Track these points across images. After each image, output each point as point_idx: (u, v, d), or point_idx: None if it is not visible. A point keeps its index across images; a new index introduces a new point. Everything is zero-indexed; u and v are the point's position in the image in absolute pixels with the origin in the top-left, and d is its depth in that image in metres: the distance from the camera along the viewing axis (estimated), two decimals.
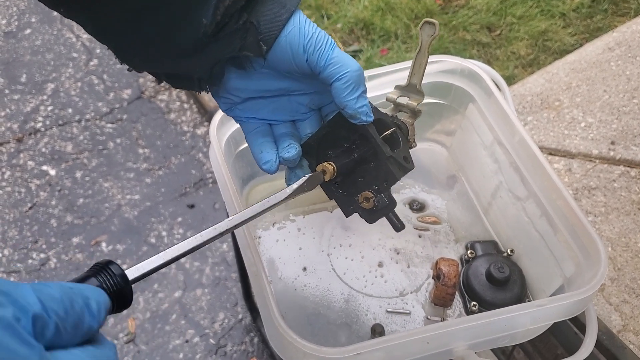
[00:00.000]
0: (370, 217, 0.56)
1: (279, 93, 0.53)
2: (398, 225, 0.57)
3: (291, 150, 0.53)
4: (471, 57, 1.73)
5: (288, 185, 0.54)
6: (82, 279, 0.36)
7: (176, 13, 0.45)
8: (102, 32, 0.48)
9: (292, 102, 0.54)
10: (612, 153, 1.20)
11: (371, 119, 0.51)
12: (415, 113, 0.60)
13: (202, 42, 0.46)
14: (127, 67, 0.50)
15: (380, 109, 0.56)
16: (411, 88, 0.61)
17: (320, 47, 0.48)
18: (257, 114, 0.54)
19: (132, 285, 0.39)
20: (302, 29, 0.48)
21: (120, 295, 0.37)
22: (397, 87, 0.62)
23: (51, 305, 0.31)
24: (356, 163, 0.55)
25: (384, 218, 0.57)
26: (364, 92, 0.50)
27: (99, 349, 0.34)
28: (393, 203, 0.55)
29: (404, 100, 0.61)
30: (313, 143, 0.55)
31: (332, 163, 0.53)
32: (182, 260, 1.49)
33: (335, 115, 0.54)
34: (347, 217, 0.58)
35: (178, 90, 1.89)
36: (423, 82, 0.76)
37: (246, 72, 0.51)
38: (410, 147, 0.58)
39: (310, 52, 0.48)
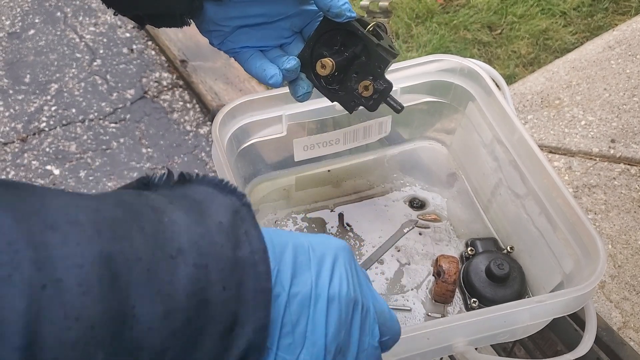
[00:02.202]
0: (372, 104, 0.62)
1: (263, 20, 0.58)
2: (397, 107, 0.61)
3: (291, 60, 0.59)
4: (472, 56, 1.73)
5: (296, 97, 0.62)
6: None
7: None
8: None
9: (277, 27, 0.59)
10: (612, 151, 1.21)
11: (355, 15, 0.57)
12: (387, 13, 0.67)
13: None
14: (114, 11, 0.55)
15: None
16: None
17: None
18: (247, 43, 0.59)
19: None
20: None
21: None
22: None
23: None
24: (348, 61, 0.61)
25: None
26: None
27: None
28: (390, 85, 0.61)
29: (375, 6, 0.68)
30: (306, 54, 0.61)
31: (331, 59, 0.59)
32: None
33: (319, 24, 0.60)
34: (351, 113, 0.64)
35: (181, 90, 1.90)
36: (423, 81, 0.77)
37: (222, 2, 0.55)
38: (392, 42, 0.63)
39: None
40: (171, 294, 0.28)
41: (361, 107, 0.63)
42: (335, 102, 0.64)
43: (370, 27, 0.59)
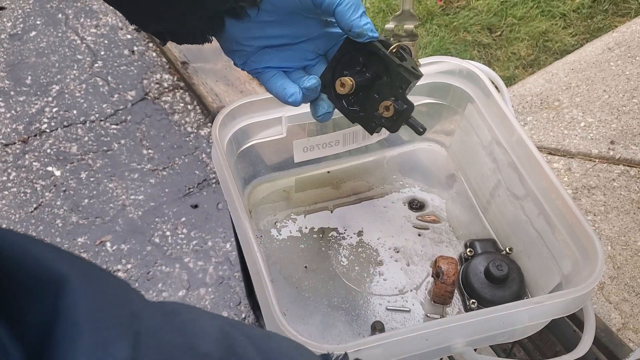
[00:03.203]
0: (393, 125, 0.60)
1: (286, 41, 0.57)
2: (419, 129, 0.60)
3: (311, 79, 0.58)
4: (472, 58, 1.73)
5: (316, 117, 0.60)
6: None
7: None
8: None
9: (300, 49, 0.59)
10: (611, 152, 1.21)
11: (377, 35, 0.56)
12: (413, 36, 0.67)
13: None
14: (137, 27, 0.56)
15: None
16: (405, 15, 0.68)
17: None
18: (270, 63, 0.58)
19: (137, 285, 0.40)
20: None
21: None
22: (393, 18, 0.69)
23: None
24: (370, 81, 0.59)
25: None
26: (364, 12, 0.55)
27: None
28: (411, 106, 0.59)
29: (400, 29, 0.68)
30: (328, 75, 0.60)
31: (350, 78, 0.58)
32: (186, 259, 1.50)
33: (341, 44, 0.58)
34: (371, 134, 0.63)
35: (182, 91, 1.91)
36: (422, 82, 0.78)
37: (243, 21, 0.54)
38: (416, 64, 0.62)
39: None
40: None
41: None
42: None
43: (394, 48, 0.58)
